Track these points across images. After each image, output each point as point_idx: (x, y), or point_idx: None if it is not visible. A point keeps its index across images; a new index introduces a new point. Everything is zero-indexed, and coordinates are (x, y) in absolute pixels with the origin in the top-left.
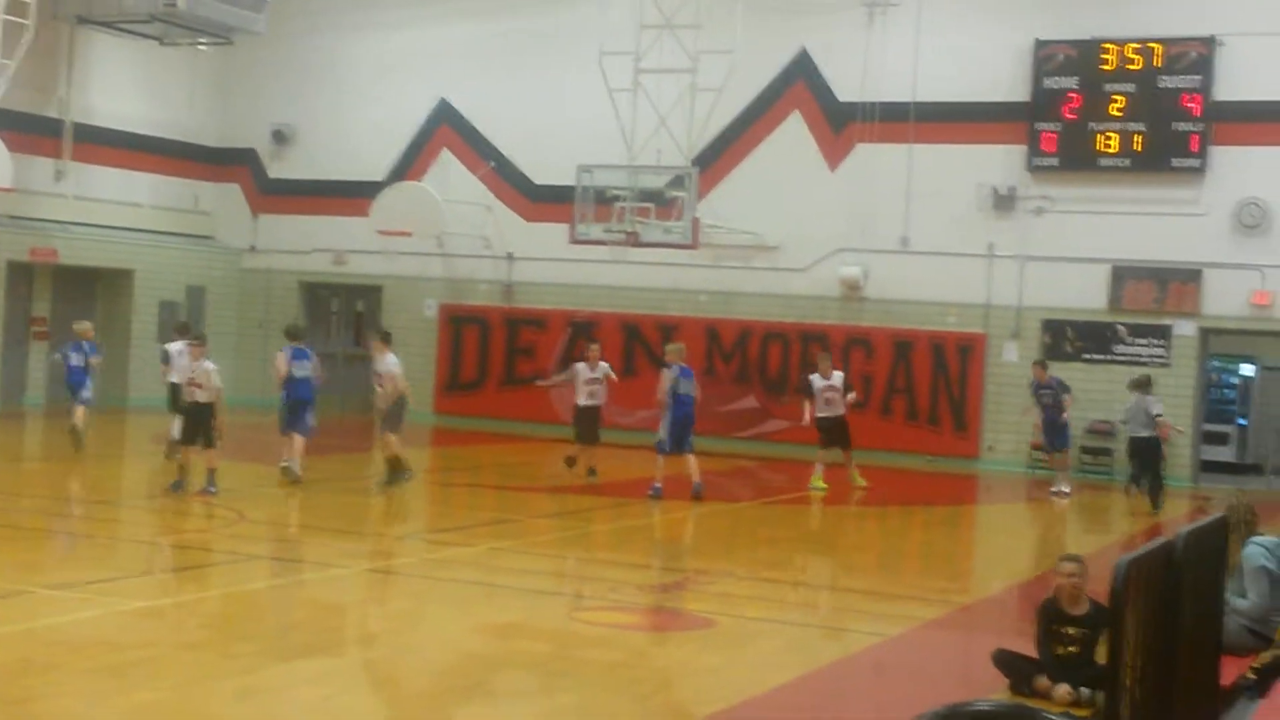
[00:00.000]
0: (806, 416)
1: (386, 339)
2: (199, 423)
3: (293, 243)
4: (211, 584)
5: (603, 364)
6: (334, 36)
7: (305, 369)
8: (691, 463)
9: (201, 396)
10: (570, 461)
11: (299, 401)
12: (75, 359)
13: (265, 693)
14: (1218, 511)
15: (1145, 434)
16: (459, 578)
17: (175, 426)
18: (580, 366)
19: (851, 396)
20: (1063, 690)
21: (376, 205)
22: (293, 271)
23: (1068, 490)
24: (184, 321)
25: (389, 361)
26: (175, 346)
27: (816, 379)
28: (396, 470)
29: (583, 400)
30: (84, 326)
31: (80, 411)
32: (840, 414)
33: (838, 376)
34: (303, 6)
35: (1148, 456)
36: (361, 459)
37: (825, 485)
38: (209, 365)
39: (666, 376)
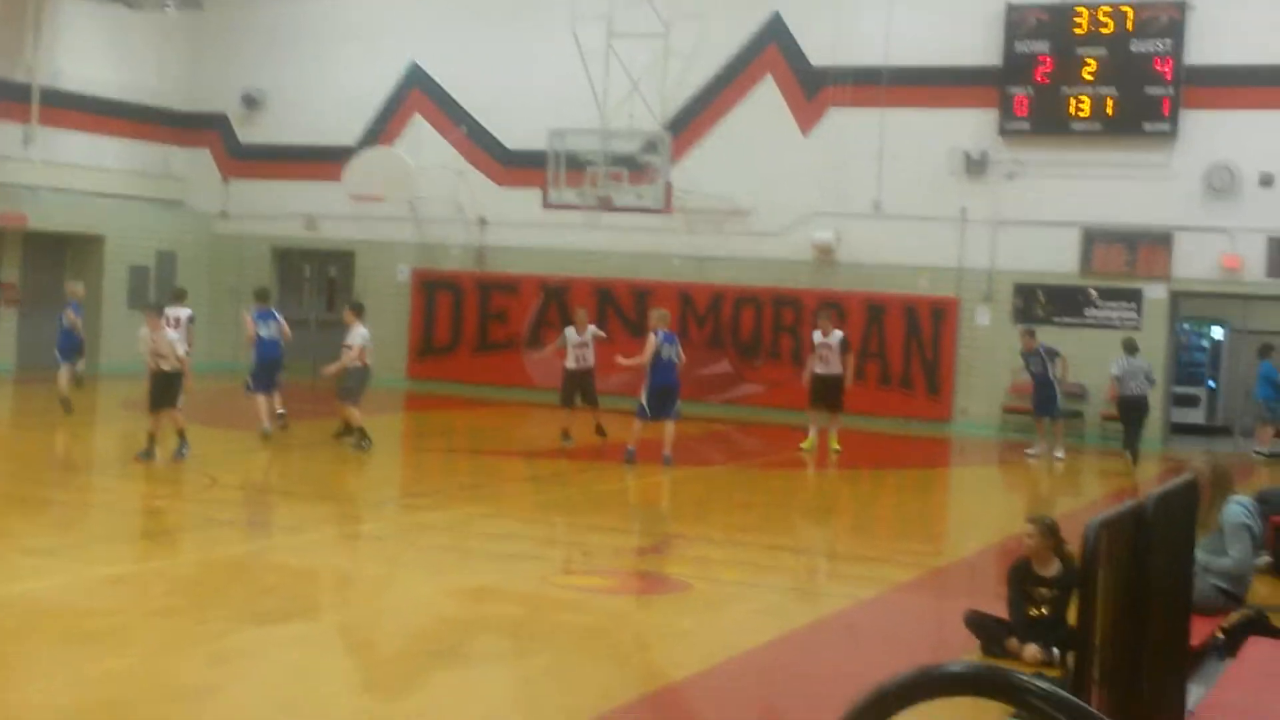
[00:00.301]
0: (805, 375)
1: (358, 310)
2: (165, 391)
3: (264, 208)
4: (184, 549)
5: (591, 327)
6: None
7: (271, 329)
8: (668, 430)
9: (166, 365)
10: (565, 435)
11: (269, 361)
12: (64, 321)
13: (238, 658)
14: (1189, 473)
15: (1140, 393)
16: (433, 542)
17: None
18: (569, 331)
19: (848, 363)
20: (1032, 650)
21: (348, 170)
22: (264, 237)
23: (1061, 455)
24: (180, 288)
25: (357, 333)
26: (175, 312)
27: (816, 335)
28: (355, 434)
29: (570, 364)
30: (75, 287)
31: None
32: (834, 373)
33: (836, 335)
34: None
35: (1141, 413)
36: (334, 424)
37: (810, 447)
38: (172, 335)
39: (650, 342)
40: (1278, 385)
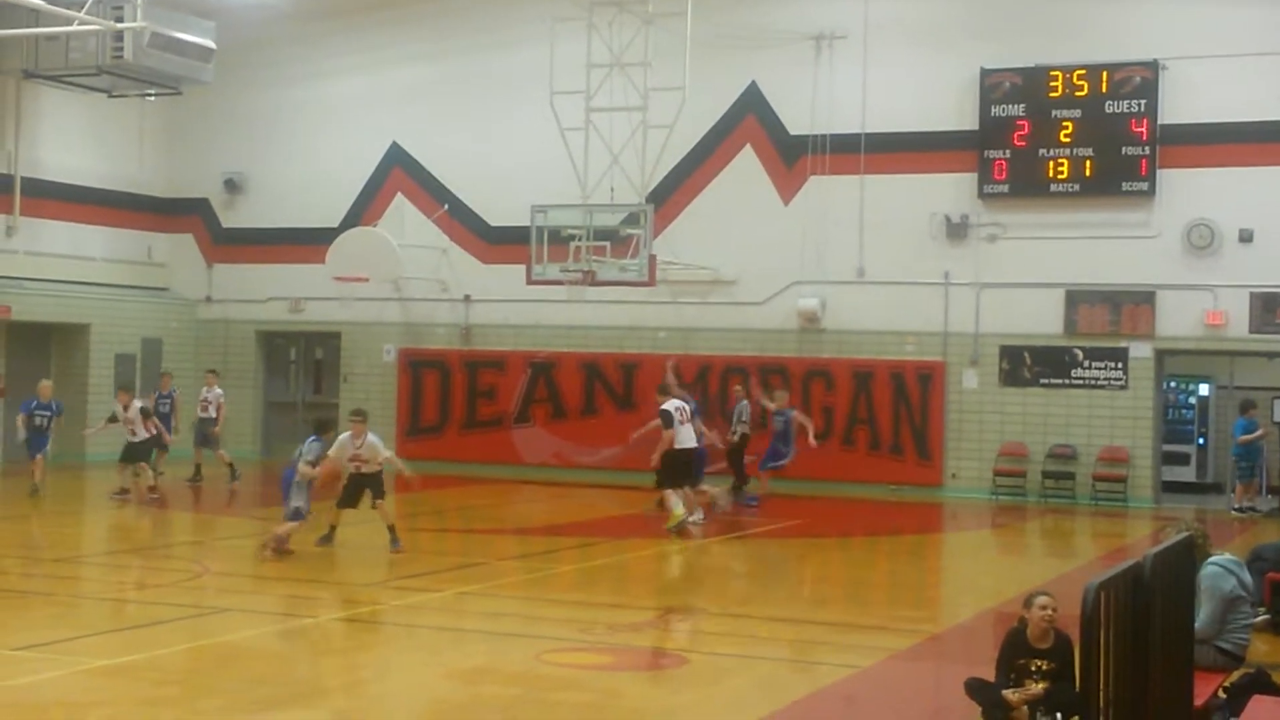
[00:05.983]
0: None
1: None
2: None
3: (249, 292)
4: (176, 639)
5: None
6: (283, 84)
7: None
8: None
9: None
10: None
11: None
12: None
13: None
14: (1183, 532)
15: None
16: (427, 623)
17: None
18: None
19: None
20: (1036, 689)
21: (332, 251)
22: (249, 321)
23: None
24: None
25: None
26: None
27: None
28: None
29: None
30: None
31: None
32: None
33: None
34: (251, 55)
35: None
36: (324, 507)
37: None
38: (373, 439)
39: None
40: (1247, 443)
